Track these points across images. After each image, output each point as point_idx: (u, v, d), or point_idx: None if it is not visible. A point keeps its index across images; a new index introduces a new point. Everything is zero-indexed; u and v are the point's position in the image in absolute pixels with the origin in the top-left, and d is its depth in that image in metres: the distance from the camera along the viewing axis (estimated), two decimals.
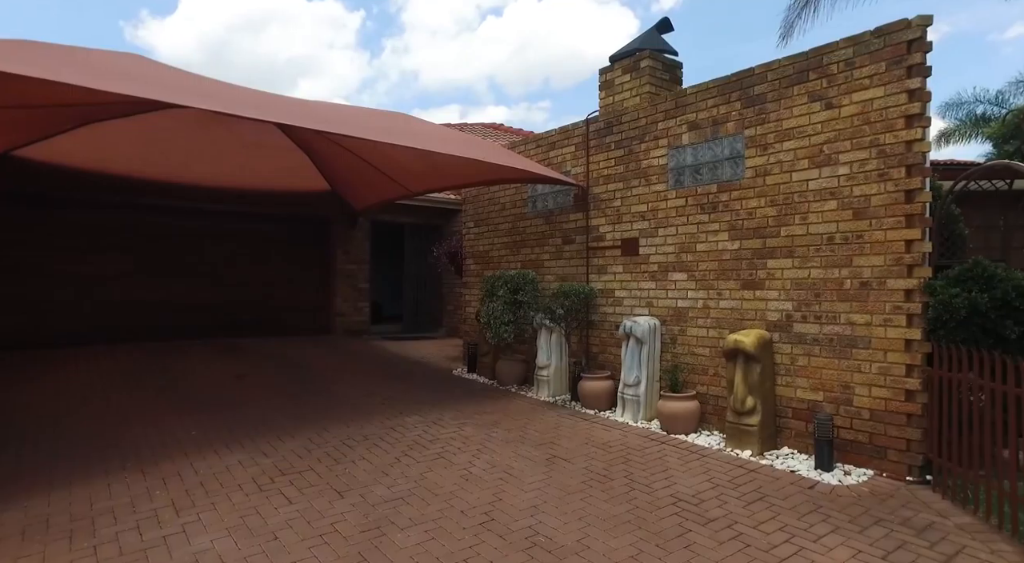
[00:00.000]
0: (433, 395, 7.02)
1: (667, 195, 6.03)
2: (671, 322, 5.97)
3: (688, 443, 5.21)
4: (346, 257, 11.81)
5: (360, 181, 9.40)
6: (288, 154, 9.05)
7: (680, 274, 5.89)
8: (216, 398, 6.54)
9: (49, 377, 7.34)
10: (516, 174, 7.00)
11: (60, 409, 6.00)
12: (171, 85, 5.29)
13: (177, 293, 10.10)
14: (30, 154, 7.77)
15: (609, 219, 6.70)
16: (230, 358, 8.77)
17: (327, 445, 5.00)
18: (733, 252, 5.40)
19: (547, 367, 7.06)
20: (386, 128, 6.16)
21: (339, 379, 7.79)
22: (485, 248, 8.76)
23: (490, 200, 8.68)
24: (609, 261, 6.69)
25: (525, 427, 5.69)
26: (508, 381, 7.62)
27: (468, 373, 8.47)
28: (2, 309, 8.66)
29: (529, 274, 7.34)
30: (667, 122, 6.04)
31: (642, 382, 5.94)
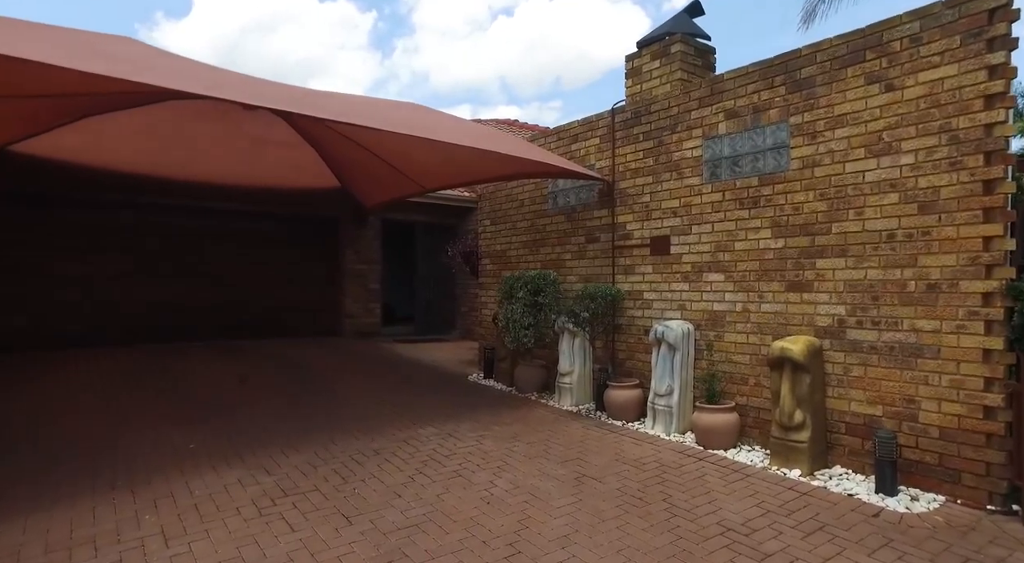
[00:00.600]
0: (448, 403, 6.61)
1: (702, 189, 5.58)
2: (706, 327, 5.52)
3: (728, 460, 4.76)
4: (356, 257, 11.44)
5: (371, 177, 9.01)
6: (296, 150, 8.69)
7: (716, 275, 5.44)
8: (218, 405, 6.17)
9: (47, 379, 7.01)
10: (537, 168, 6.58)
11: (55, 415, 5.65)
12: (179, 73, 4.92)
13: (180, 294, 9.78)
14: (27, 149, 7.45)
15: (637, 216, 6.25)
16: (234, 361, 8.42)
17: (334, 460, 4.60)
18: (777, 251, 4.94)
19: (570, 374, 6.63)
20: (402, 120, 5.75)
21: (348, 384, 7.40)
22: (502, 247, 8.34)
23: (507, 197, 8.26)
24: (637, 261, 6.25)
25: (548, 440, 5.26)
26: (527, 388, 7.19)
27: (484, 379, 8.05)
28: (1, 310, 8.36)
29: (550, 275, 6.91)
30: (701, 111, 5.58)
31: (675, 392, 5.50)
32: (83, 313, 9.02)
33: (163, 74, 4.58)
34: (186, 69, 5.12)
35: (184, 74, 4.94)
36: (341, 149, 8.28)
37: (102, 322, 9.12)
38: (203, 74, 5.29)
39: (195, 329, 9.84)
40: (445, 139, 5.39)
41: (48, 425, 5.39)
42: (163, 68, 4.95)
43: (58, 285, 8.83)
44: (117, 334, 9.14)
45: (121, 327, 9.25)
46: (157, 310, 9.56)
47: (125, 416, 5.69)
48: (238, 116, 7.60)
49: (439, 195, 11.52)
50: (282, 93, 5.57)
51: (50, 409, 5.93)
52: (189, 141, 8.11)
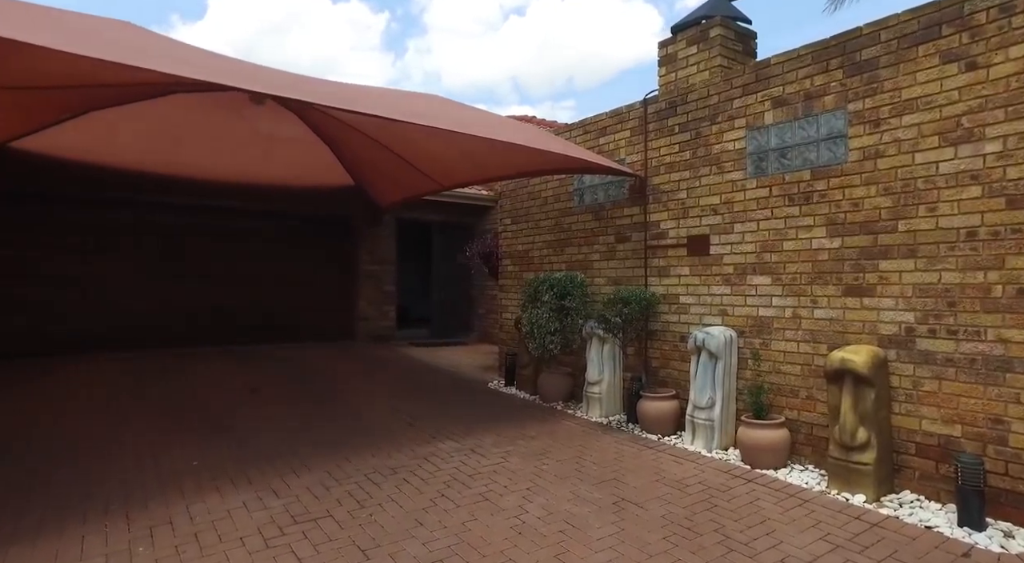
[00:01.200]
0: (469, 414, 6.21)
1: (745, 184, 5.14)
2: (750, 334, 5.08)
3: (780, 482, 4.31)
4: (370, 257, 11.09)
5: (386, 175, 8.65)
6: (307, 146, 8.34)
7: (762, 277, 4.99)
8: (225, 417, 5.82)
9: (44, 389, 6.71)
10: (565, 163, 6.16)
11: (50, 429, 5.33)
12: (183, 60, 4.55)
13: (187, 296, 9.47)
14: (27, 146, 7.15)
15: (672, 214, 5.82)
16: (243, 367, 8.08)
17: (349, 481, 4.22)
18: (832, 251, 4.48)
19: (598, 383, 6.21)
20: (421, 111, 5.36)
21: (363, 393, 7.03)
22: (524, 247, 7.93)
23: (529, 194, 7.85)
24: (672, 262, 5.81)
25: (580, 457, 4.84)
26: (552, 397, 6.78)
27: (506, 386, 7.65)
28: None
29: (577, 277, 6.49)
30: (745, 99, 5.14)
31: (716, 404, 5.06)
32: (85, 318, 8.73)
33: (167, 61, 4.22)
34: (190, 56, 4.76)
35: (189, 61, 4.58)
36: (355, 145, 7.92)
37: (105, 326, 8.82)
38: (209, 62, 4.93)
39: (203, 333, 9.53)
40: (468, 131, 4.99)
41: (41, 438, 5.07)
42: (166, 55, 4.60)
43: (58, 288, 8.54)
44: (121, 339, 8.84)
45: (126, 331, 8.95)
46: (163, 313, 9.25)
47: (124, 429, 5.36)
48: (246, 111, 7.26)
49: (456, 193, 11.13)
50: (293, 83, 5.20)
51: (43, 421, 5.61)
52: (195, 138, 7.79)
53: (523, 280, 7.83)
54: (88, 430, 5.31)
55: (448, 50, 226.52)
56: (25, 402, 6.24)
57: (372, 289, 11.09)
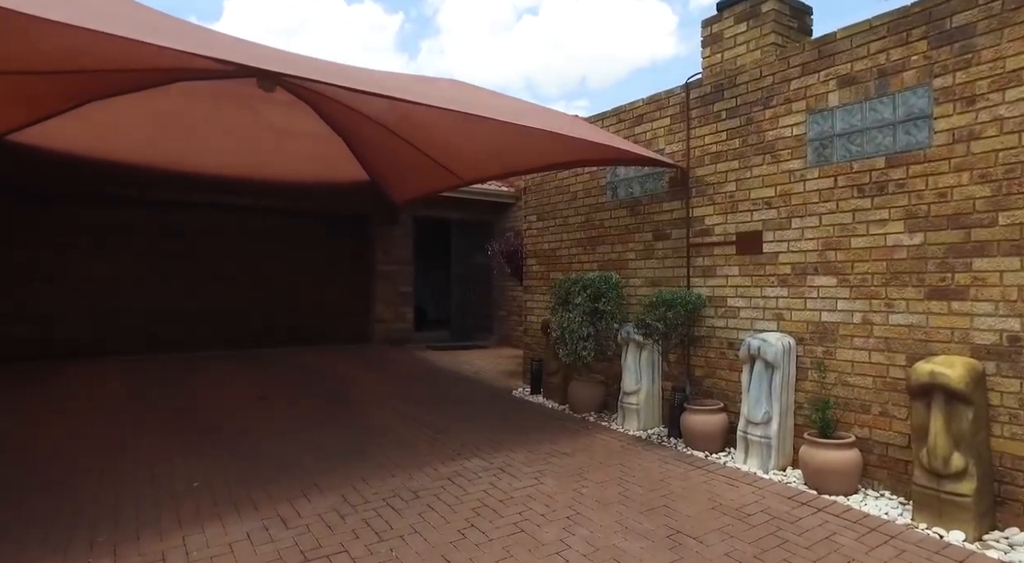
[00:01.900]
0: (495, 426, 5.73)
1: (805, 175, 4.60)
2: (811, 341, 4.54)
3: (855, 512, 3.77)
4: (386, 257, 10.65)
5: (403, 169, 8.19)
6: (320, 140, 7.91)
7: (825, 278, 4.46)
8: (232, 429, 5.38)
9: (46, 396, 6.33)
10: (599, 153, 5.66)
11: (45, 442, 4.92)
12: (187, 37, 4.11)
13: (196, 298, 9.09)
14: (28, 140, 6.79)
15: (719, 208, 5.29)
16: (253, 373, 7.66)
17: (366, 507, 3.75)
18: (913, 249, 3.94)
19: (636, 393, 5.69)
20: (444, 97, 4.89)
21: (379, 402, 6.57)
22: (551, 246, 7.43)
23: (557, 189, 7.35)
24: (719, 261, 5.29)
25: (623, 479, 4.34)
26: (584, 407, 6.27)
27: (532, 394, 7.15)
28: (1, 317, 7.74)
29: (612, 277, 5.99)
30: (805, 79, 4.60)
31: (773, 420, 4.53)
32: (91, 320, 8.38)
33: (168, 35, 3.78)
34: (193, 33, 4.32)
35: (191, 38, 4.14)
36: (371, 138, 7.48)
37: (111, 329, 8.46)
38: (214, 40, 4.49)
39: (212, 336, 9.14)
40: (498, 117, 4.51)
41: (31, 451, 4.66)
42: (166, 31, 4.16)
43: (64, 289, 8.19)
44: (127, 342, 8.47)
45: (132, 334, 8.59)
46: (173, 317, 8.88)
47: (123, 441, 4.94)
48: (256, 102, 6.86)
49: (475, 190, 10.67)
50: (305, 65, 4.74)
51: (37, 431, 5.21)
52: (202, 131, 7.39)
53: (551, 281, 7.34)
54: (84, 441, 4.89)
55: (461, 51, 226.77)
56: (18, 410, 5.86)
57: (388, 290, 10.65)
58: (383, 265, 10.58)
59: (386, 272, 10.62)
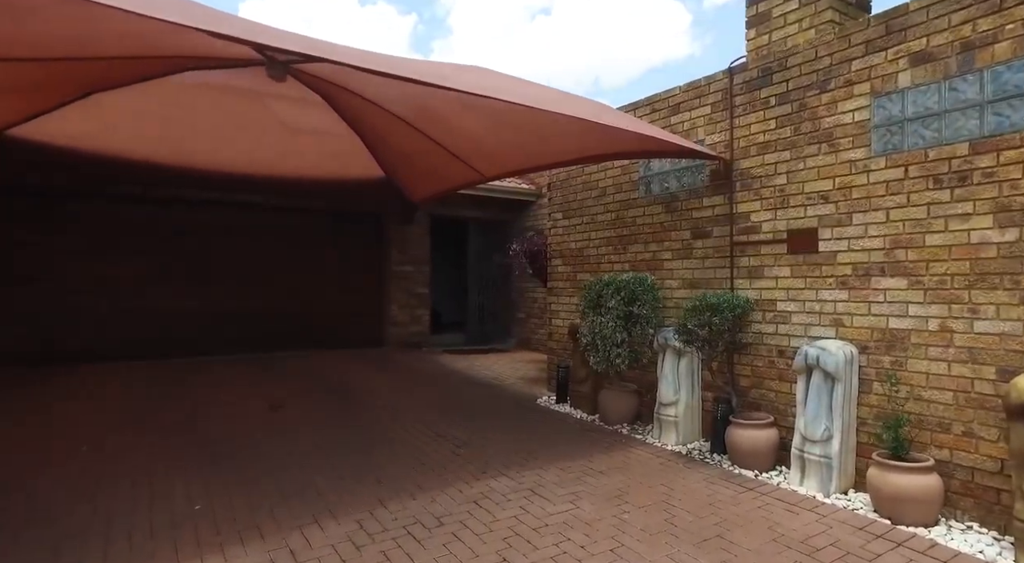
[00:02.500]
0: (521, 440, 5.31)
1: (869, 165, 4.14)
2: (877, 350, 4.07)
3: (943, 548, 3.30)
4: (402, 257, 10.27)
5: (421, 165, 7.80)
6: (334, 134, 7.55)
7: (894, 280, 3.99)
8: (239, 443, 5.00)
9: (40, 405, 6.00)
10: (634, 145, 5.22)
11: (33, 458, 4.57)
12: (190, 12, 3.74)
13: (204, 300, 8.75)
14: (29, 135, 6.49)
15: (767, 203, 4.84)
16: (263, 380, 7.30)
17: (384, 537, 3.34)
18: (1004, 246, 3.47)
19: (673, 404, 5.25)
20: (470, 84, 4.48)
21: (396, 410, 6.18)
22: (578, 245, 7.00)
23: (585, 185, 6.92)
24: (767, 261, 4.84)
25: (668, 502, 3.90)
26: (616, 418, 5.83)
27: (558, 403, 6.72)
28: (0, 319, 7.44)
29: (647, 279, 5.55)
30: (870, 58, 4.14)
31: (834, 438, 4.07)
32: (94, 324, 8.05)
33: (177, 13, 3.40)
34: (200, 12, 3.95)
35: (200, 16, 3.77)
36: (388, 131, 7.10)
37: (116, 334, 8.14)
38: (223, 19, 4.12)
39: (219, 340, 8.80)
40: (529, 103, 4.10)
41: (18, 465, 4.30)
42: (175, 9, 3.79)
43: (66, 291, 7.88)
44: (132, 347, 8.14)
45: (136, 339, 8.26)
46: (180, 320, 8.55)
47: (121, 457, 4.58)
48: (265, 93, 6.51)
49: (495, 187, 10.27)
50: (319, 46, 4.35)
51: (27, 444, 4.87)
52: (211, 127, 7.05)
53: (577, 282, 6.91)
54: (77, 459, 4.54)
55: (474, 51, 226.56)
56: (7, 422, 5.53)
57: (403, 292, 10.27)
58: (398, 265, 10.20)
59: (401, 273, 10.24)
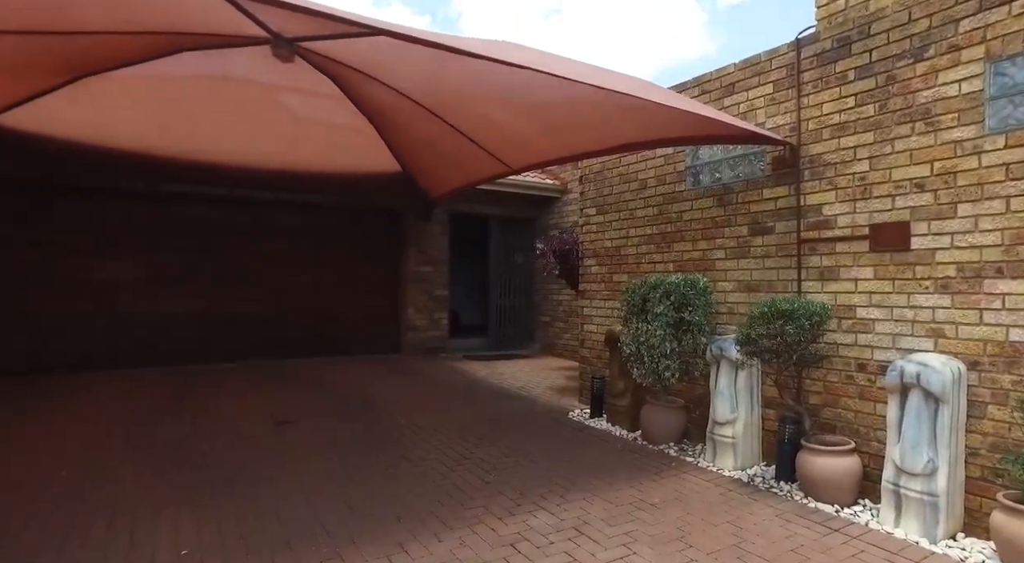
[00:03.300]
0: (559, 463, 4.69)
1: (981, 145, 3.48)
2: (992, 367, 3.41)
3: None
4: (420, 257, 9.69)
5: (442, 158, 7.21)
6: (348, 125, 6.97)
7: (1015, 282, 3.33)
8: (239, 468, 4.43)
9: (31, 418, 5.48)
10: (689, 129, 4.60)
11: (13, 480, 4.03)
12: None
13: (209, 304, 8.22)
14: (20, 125, 5.98)
15: (844, 194, 4.19)
16: (271, 391, 6.75)
17: None
18: None
19: (731, 423, 4.61)
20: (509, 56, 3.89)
21: (417, 428, 5.59)
22: (615, 243, 6.37)
23: (622, 177, 6.30)
24: (843, 260, 4.18)
25: (740, 547, 3.26)
26: (661, 437, 5.20)
27: (593, 418, 6.09)
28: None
29: (699, 281, 4.91)
30: (984, 16, 3.48)
31: (940, 471, 3.41)
32: (93, 330, 7.55)
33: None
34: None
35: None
36: (406, 119, 6.52)
37: (117, 340, 7.63)
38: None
39: (227, 347, 8.26)
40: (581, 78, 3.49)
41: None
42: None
43: (62, 294, 7.39)
44: (131, 354, 7.63)
45: (136, 345, 7.75)
46: (185, 324, 8.02)
47: (105, 484, 4.03)
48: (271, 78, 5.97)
49: (518, 182, 9.68)
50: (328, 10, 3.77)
51: (5, 468, 4.33)
52: (215, 116, 6.50)
53: (614, 284, 6.29)
54: (51, 488, 3.99)
55: None
56: (10, 430, 5.02)
57: (421, 294, 9.69)
58: (416, 266, 9.62)
59: (420, 274, 9.66)
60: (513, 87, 4.82)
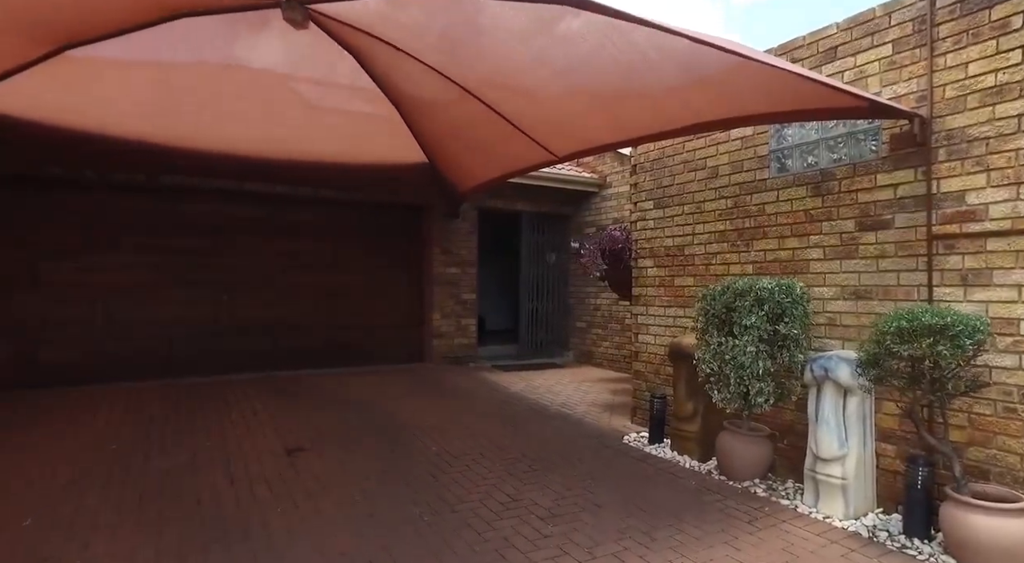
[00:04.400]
0: (627, 508, 3.84)
1: None
2: None
3: None
4: (446, 258, 8.89)
5: (474, 145, 6.41)
6: (367, 110, 6.22)
7: None
8: (242, 514, 3.64)
9: (8, 441, 4.74)
10: (778, 101, 3.75)
11: None
12: None
13: (216, 309, 7.46)
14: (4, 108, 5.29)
15: (1000, 177, 3.32)
16: (282, 408, 5.98)
17: None
18: None
19: (839, 460, 3.75)
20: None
21: (453, 458, 4.77)
22: (677, 242, 5.52)
23: (686, 164, 5.45)
24: (999, 260, 3.31)
25: None
26: (745, 472, 4.34)
27: (652, 445, 5.24)
28: None
29: (795, 287, 4.05)
30: None
31: None
32: (88, 338, 6.78)
33: None
34: None
35: None
36: (434, 101, 5.73)
37: (110, 349, 6.89)
38: None
39: (236, 357, 7.50)
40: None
41: None
42: None
43: (53, 299, 6.65)
44: (130, 366, 6.88)
45: (138, 356, 7.01)
46: (184, 332, 7.26)
47: (74, 535, 3.25)
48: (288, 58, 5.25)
49: (550, 175, 8.86)
50: None
51: None
52: (219, 98, 5.75)
53: (675, 289, 5.45)
54: (17, 532, 3.23)
55: None
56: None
57: (448, 298, 8.89)
58: (442, 268, 8.81)
59: (446, 276, 8.85)
60: (565, 53, 4.01)
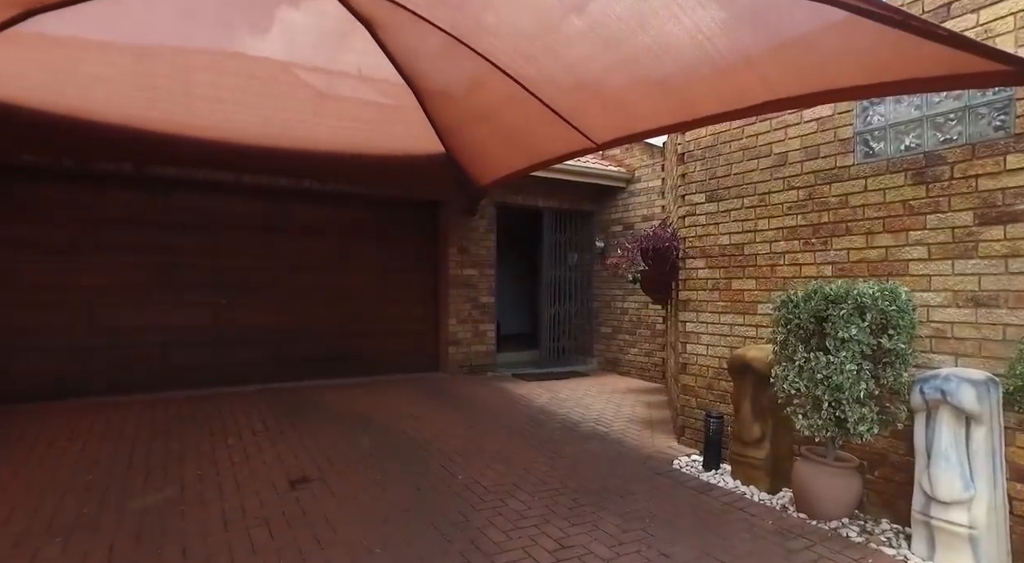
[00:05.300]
0: (701, 558, 3.17)
1: None
2: None
3: None
4: (463, 258, 8.23)
5: (500, 132, 5.76)
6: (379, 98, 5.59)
7: None
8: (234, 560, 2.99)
9: None
10: (871, 70, 3.07)
11: None
12: None
13: (213, 315, 6.81)
14: None
15: None
16: (286, 428, 5.32)
17: None
18: None
19: (965, 505, 3.09)
20: None
21: (482, 489, 4.11)
22: (735, 240, 4.84)
23: (745, 151, 4.78)
24: None
25: None
26: (830, 510, 3.66)
27: (709, 471, 4.57)
28: None
29: (900, 293, 3.38)
30: None
31: None
32: (64, 346, 6.10)
33: None
34: None
35: None
36: (456, 80, 5.09)
37: (94, 360, 6.24)
38: None
39: (236, 368, 6.85)
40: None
41: None
42: None
43: (35, 304, 5.99)
44: (117, 379, 6.24)
45: (126, 366, 6.36)
46: (178, 340, 6.60)
47: None
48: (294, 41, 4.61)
49: (574, 168, 8.22)
50: None
51: None
52: (213, 82, 5.12)
53: (733, 293, 4.79)
54: None
55: None
56: None
57: (464, 302, 8.23)
58: (458, 269, 8.15)
59: (462, 278, 8.19)
60: (623, 19, 3.36)
